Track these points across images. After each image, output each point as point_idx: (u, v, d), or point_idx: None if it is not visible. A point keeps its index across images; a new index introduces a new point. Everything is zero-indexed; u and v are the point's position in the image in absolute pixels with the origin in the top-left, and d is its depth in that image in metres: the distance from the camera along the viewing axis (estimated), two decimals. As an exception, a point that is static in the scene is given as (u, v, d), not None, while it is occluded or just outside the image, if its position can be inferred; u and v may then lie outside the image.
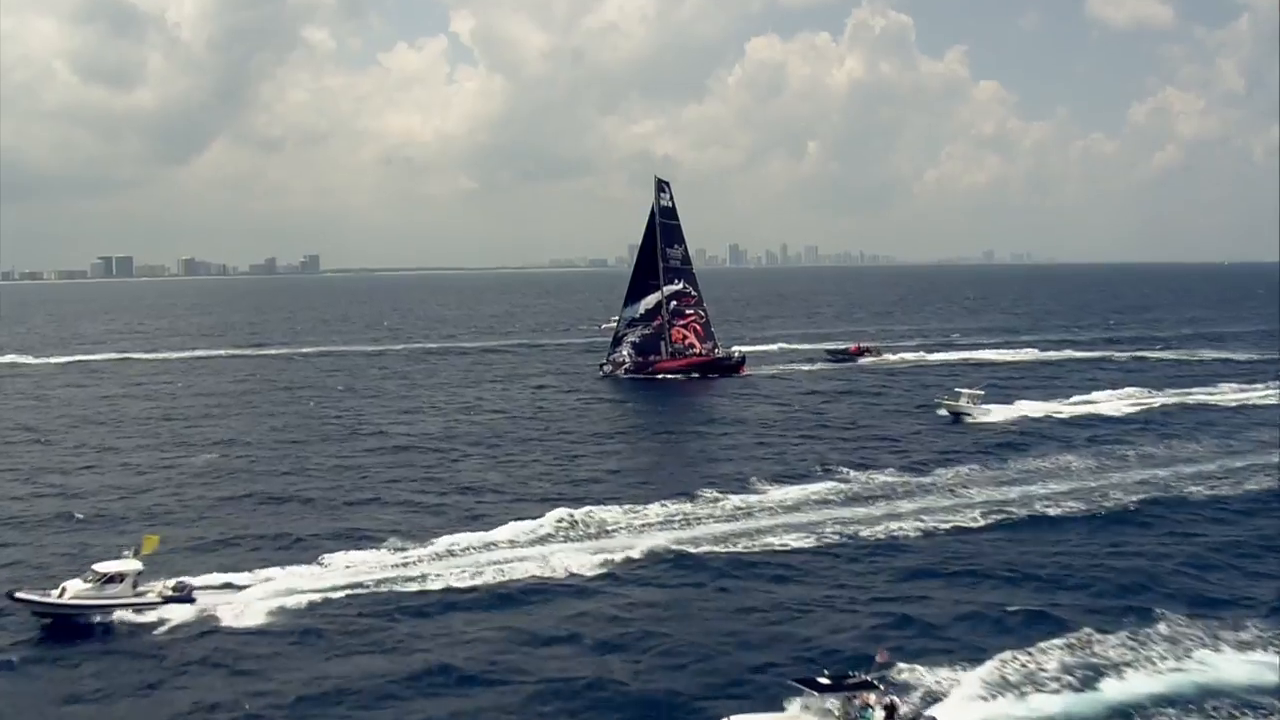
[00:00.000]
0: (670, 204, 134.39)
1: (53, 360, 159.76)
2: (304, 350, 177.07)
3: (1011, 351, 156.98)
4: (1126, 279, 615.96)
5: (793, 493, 66.57)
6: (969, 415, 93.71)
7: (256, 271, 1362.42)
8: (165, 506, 66.13)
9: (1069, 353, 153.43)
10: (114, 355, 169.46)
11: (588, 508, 62.01)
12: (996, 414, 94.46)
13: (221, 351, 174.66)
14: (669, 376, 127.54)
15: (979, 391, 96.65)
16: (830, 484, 68.86)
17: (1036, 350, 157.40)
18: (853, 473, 71.56)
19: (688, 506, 63.38)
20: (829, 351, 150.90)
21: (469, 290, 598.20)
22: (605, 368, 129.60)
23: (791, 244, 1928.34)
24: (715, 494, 66.07)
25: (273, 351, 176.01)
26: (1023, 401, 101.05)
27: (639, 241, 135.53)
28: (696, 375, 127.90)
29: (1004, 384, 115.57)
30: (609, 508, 62.45)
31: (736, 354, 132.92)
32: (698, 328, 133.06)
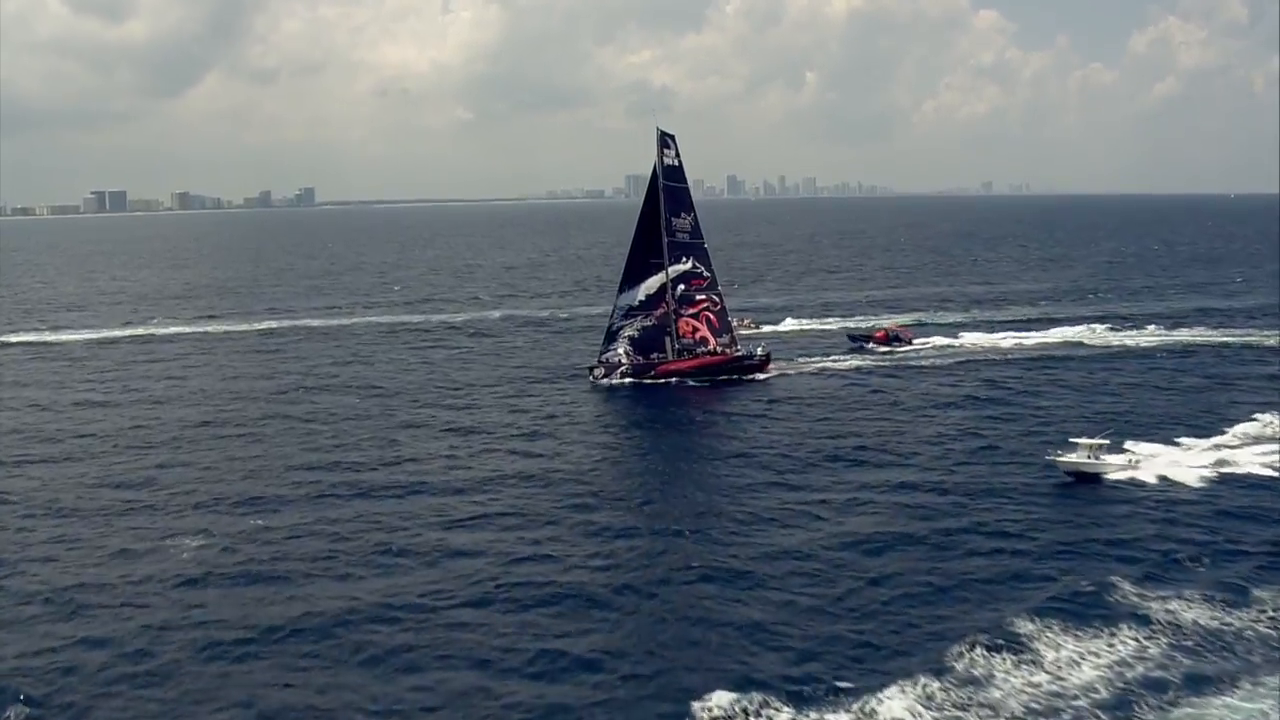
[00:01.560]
0: (676, 161, 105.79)
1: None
2: (311, 321, 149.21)
3: (1111, 331, 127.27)
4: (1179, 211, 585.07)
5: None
6: (1101, 472, 66.40)
7: (251, 205, 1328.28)
8: None
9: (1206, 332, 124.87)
10: (84, 335, 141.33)
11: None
12: (1144, 469, 67.36)
13: (210, 328, 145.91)
14: (676, 381, 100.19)
15: (1101, 441, 67.85)
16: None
17: (1159, 328, 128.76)
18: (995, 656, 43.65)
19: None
20: (850, 336, 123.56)
21: (478, 228, 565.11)
22: (597, 373, 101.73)
23: (790, 175, 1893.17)
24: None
25: (273, 324, 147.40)
26: (1158, 447, 72.74)
27: (637, 173, 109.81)
28: (709, 380, 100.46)
29: (1123, 403, 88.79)
30: None
31: (759, 351, 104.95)
32: (711, 317, 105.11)
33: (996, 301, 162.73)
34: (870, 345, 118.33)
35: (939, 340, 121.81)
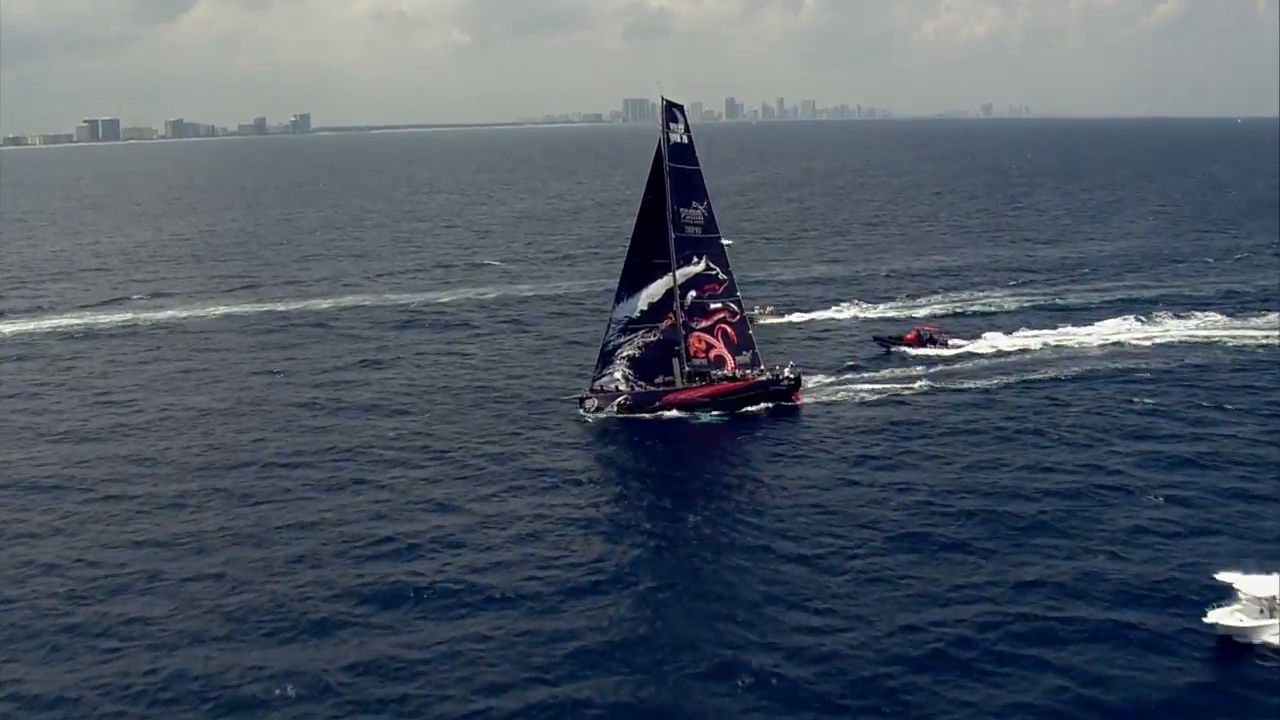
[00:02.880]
0: (685, 138, 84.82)
1: None
2: (319, 304, 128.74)
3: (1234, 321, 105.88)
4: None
5: None
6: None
7: (246, 132, 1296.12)
8: None
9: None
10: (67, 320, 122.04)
11: None
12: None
13: (207, 311, 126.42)
14: (687, 414, 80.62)
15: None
16: None
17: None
18: None
19: None
20: (877, 339, 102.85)
21: (484, 159, 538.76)
22: (589, 405, 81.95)
23: (789, 97, 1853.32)
24: None
25: (280, 307, 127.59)
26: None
27: (635, 97, 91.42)
28: (728, 413, 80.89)
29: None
30: None
31: (788, 374, 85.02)
32: (728, 330, 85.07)
33: (1047, 273, 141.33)
34: (901, 349, 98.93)
35: (984, 340, 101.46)
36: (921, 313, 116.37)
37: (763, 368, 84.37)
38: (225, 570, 54.96)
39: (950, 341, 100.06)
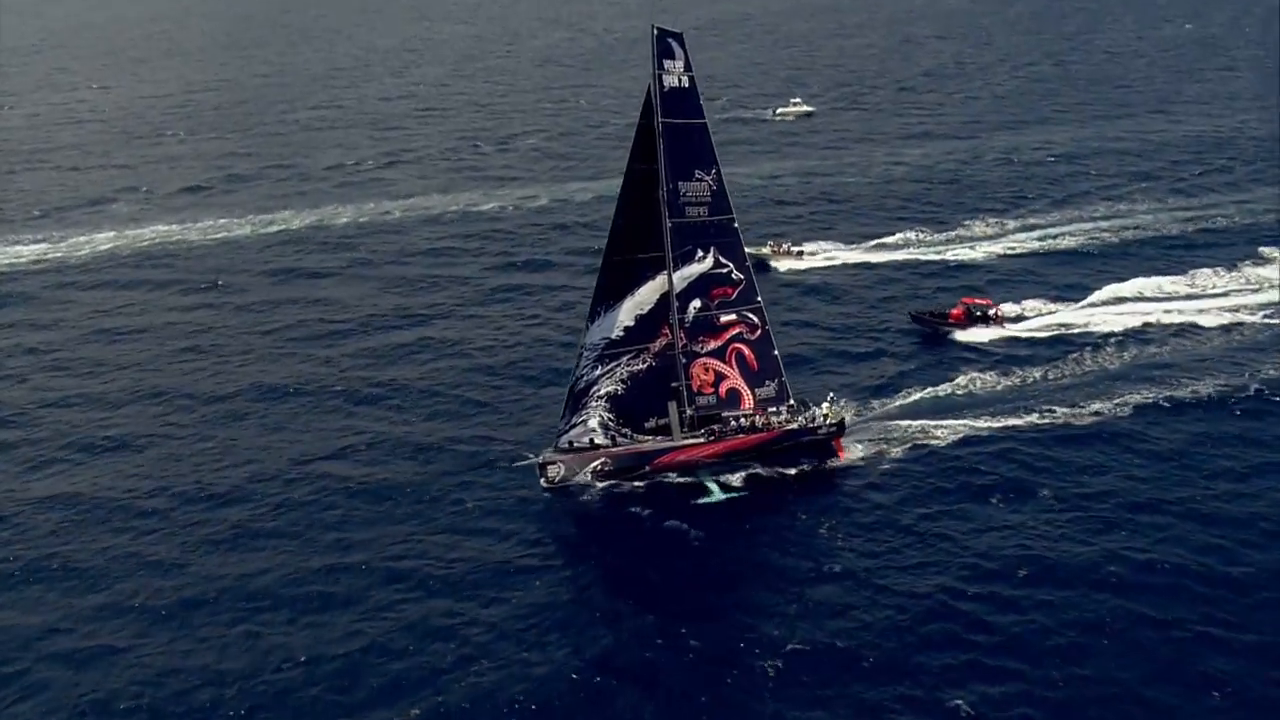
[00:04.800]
0: (685, 81, 58.17)
1: None
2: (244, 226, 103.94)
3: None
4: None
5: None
6: None
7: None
8: None
9: None
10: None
11: None
12: None
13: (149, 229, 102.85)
14: (688, 477, 57.34)
15: None
16: None
17: None
18: None
19: None
20: (915, 317, 77.53)
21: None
22: (552, 472, 57.50)
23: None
24: None
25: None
26: None
27: None
28: (743, 469, 57.45)
29: None
30: None
31: (825, 412, 60.30)
32: (745, 351, 60.31)
33: (1168, 163, 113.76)
34: (945, 330, 74.70)
35: (1050, 309, 76.94)
36: (985, 252, 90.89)
37: (792, 403, 60.15)
38: None
39: (1005, 319, 75.73)
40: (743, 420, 58.57)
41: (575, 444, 57.94)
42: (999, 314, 76.20)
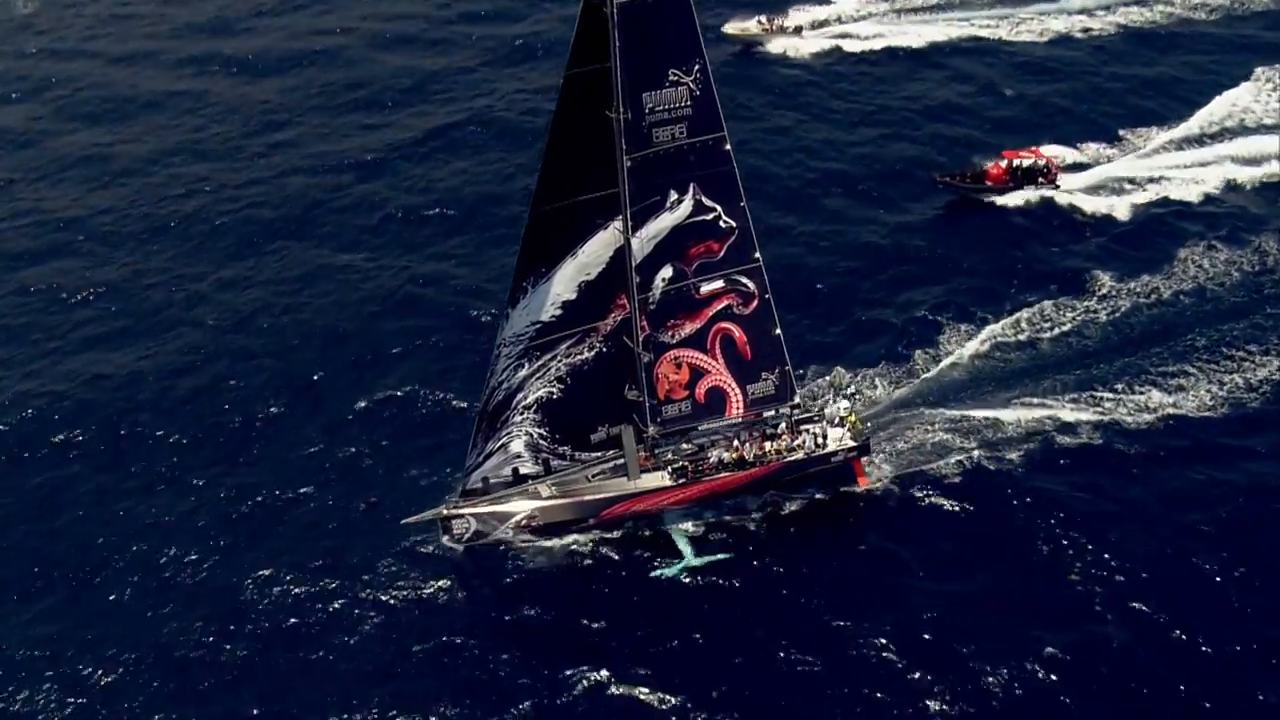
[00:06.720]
0: (657, -76, 35.16)
1: None
2: None
3: None
4: None
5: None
6: None
7: None
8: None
9: None
10: None
11: None
12: None
13: None
14: (649, 529, 40.27)
15: None
16: None
17: None
18: None
19: None
20: (939, 182, 56.52)
21: None
22: (457, 527, 39.29)
23: None
24: None
25: None
26: None
27: None
28: (728, 504, 40.47)
29: None
30: None
31: (842, 434, 40.63)
32: (734, 332, 40.98)
33: None
34: (982, 194, 55.13)
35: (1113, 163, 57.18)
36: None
37: (796, 402, 41.90)
38: None
39: (1057, 167, 56.37)
40: (724, 455, 40.49)
41: (488, 484, 40.10)
42: (1052, 167, 56.07)
